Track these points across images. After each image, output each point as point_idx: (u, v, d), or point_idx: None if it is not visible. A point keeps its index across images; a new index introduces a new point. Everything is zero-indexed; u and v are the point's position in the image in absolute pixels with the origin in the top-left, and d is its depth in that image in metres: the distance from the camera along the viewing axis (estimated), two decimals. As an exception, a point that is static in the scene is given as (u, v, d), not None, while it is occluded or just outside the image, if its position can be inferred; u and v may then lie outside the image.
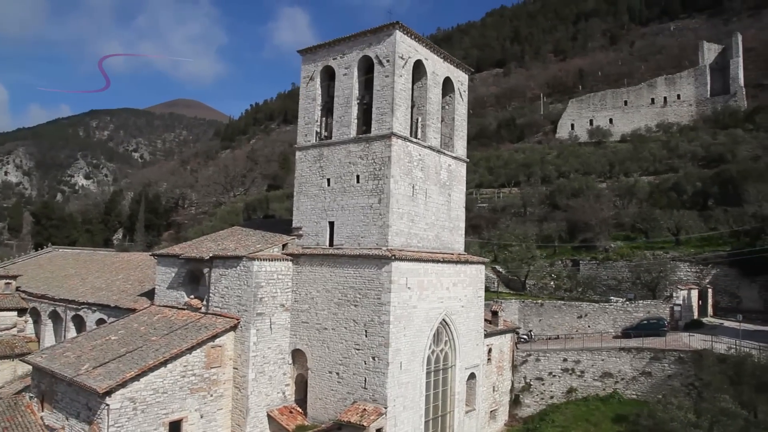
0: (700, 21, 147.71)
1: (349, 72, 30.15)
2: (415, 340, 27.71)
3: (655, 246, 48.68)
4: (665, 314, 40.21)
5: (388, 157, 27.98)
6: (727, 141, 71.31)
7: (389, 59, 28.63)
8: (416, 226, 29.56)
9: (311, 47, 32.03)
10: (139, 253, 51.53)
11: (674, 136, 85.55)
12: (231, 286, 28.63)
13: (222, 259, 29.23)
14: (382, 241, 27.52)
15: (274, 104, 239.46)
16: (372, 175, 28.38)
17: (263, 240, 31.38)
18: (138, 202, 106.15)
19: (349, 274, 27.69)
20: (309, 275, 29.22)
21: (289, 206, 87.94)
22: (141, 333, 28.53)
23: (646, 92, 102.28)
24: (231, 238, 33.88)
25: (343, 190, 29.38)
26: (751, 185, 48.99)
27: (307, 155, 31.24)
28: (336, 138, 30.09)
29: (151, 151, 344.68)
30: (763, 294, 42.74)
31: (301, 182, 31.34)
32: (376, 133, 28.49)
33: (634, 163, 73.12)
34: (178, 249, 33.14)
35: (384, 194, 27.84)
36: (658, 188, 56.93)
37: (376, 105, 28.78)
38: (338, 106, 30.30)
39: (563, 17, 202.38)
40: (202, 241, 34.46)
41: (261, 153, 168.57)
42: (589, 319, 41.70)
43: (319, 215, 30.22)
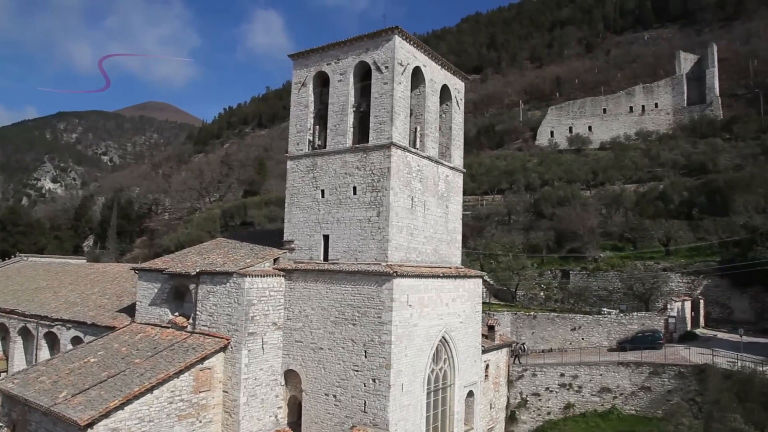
0: (673, 31, 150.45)
1: (344, 78, 28.85)
2: (416, 360, 26.47)
3: (644, 256, 48.47)
4: (660, 326, 39.82)
5: (387, 168, 26.74)
6: (707, 150, 72.01)
7: (388, 65, 27.42)
8: (415, 239, 28.37)
9: (303, 52, 30.64)
10: (115, 264, 49.22)
11: (654, 144, 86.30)
12: (220, 304, 26.97)
13: (210, 274, 27.56)
14: (381, 256, 26.24)
15: (249, 108, 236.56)
16: (370, 187, 27.10)
17: (253, 254, 29.77)
18: (110, 208, 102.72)
19: (346, 291, 26.31)
20: (303, 292, 27.74)
21: (268, 213, 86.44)
22: (123, 354, 26.66)
23: (624, 100, 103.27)
24: (217, 251, 32.18)
25: (339, 202, 28.02)
26: (738, 195, 49.20)
27: (300, 165, 29.79)
28: (331, 147, 28.73)
29: (121, 155, 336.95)
30: (753, 305, 42.75)
31: (292, 193, 29.85)
32: (374, 142, 27.22)
33: (617, 172, 73.34)
34: (160, 263, 31.29)
35: (383, 207, 26.57)
36: (644, 197, 56.92)
37: (374, 113, 27.52)
38: (333, 114, 28.95)
39: (539, 24, 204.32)
40: (186, 254, 32.64)
41: (235, 158, 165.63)
42: (583, 331, 41.07)
43: (312, 228, 28.79)
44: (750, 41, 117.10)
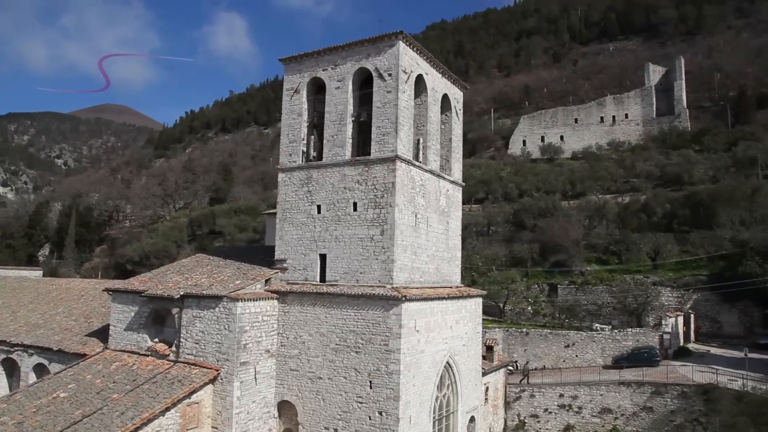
0: (637, 43, 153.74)
1: (342, 85, 26.92)
2: (423, 389, 24.66)
3: (631, 270, 48.03)
4: (654, 342, 39.17)
5: (392, 183, 24.91)
6: (681, 162, 72.77)
7: (391, 73, 25.67)
8: (419, 258, 26.61)
9: (296, 56, 28.61)
10: (80, 280, 45.72)
11: (627, 155, 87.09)
12: (208, 331, 24.55)
13: (196, 298, 25.11)
14: (385, 278, 24.36)
15: (211, 112, 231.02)
16: (372, 203, 25.21)
17: (241, 274, 27.44)
18: (67, 215, 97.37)
19: (348, 317, 24.30)
20: (299, 316, 25.58)
21: (238, 223, 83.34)
22: (98, 388, 23.94)
23: (595, 110, 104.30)
24: (199, 269, 29.67)
25: (337, 219, 26.01)
26: (722, 209, 49.33)
27: (293, 178, 27.65)
28: (328, 159, 26.72)
29: (76, 158, 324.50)
30: (742, 319, 42.67)
31: (285, 208, 27.67)
32: (377, 155, 25.37)
33: (594, 182, 73.37)
34: (138, 283, 28.56)
35: (387, 225, 24.72)
36: (626, 209, 56.74)
37: (376, 124, 25.69)
38: (330, 124, 26.97)
39: (505, 33, 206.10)
40: (165, 273, 29.98)
41: (199, 163, 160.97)
42: (577, 348, 40.07)
43: (307, 247, 26.68)
44: (712, 55, 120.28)
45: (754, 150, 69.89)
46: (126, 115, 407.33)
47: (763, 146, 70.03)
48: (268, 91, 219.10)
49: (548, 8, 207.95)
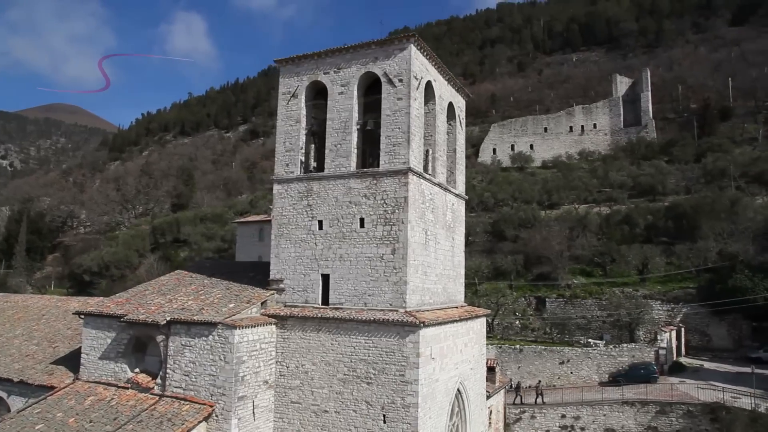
0: (600, 54, 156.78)
1: (346, 91, 24.85)
2: (437, 421, 22.74)
3: (617, 282, 47.53)
4: (650, 358, 38.46)
5: (404, 198, 22.97)
6: (654, 172, 73.46)
7: (402, 79, 23.76)
8: (428, 279, 24.75)
9: (294, 57, 26.38)
10: (39, 296, 41.87)
11: (598, 164, 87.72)
12: (200, 362, 21.97)
13: (185, 324, 22.49)
14: (397, 301, 22.37)
15: (169, 114, 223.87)
16: (382, 219, 23.19)
17: (232, 295, 24.94)
18: (17, 221, 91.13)
19: (358, 344, 22.17)
20: (300, 343, 23.27)
21: (204, 231, 79.53)
22: (72, 429, 21.02)
23: (564, 120, 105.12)
24: (183, 290, 26.97)
25: (342, 236, 23.87)
26: (704, 221, 49.47)
27: (290, 190, 25.34)
28: (330, 171, 24.56)
29: (23, 159, 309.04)
30: (731, 332, 42.59)
31: (281, 223, 25.30)
32: (387, 167, 23.38)
33: (569, 192, 73.23)
34: (114, 306, 25.63)
35: (399, 243, 22.74)
36: (608, 221, 56.46)
37: (385, 133, 23.71)
38: (333, 132, 24.82)
39: (469, 42, 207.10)
40: (143, 294, 27.11)
41: (157, 167, 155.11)
42: (572, 365, 38.99)
43: (307, 266, 24.42)
44: (673, 68, 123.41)
45: (723, 162, 71.22)
46: (77, 116, 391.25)
47: (731, 158, 71.46)
48: (228, 94, 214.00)
49: (511, 18, 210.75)
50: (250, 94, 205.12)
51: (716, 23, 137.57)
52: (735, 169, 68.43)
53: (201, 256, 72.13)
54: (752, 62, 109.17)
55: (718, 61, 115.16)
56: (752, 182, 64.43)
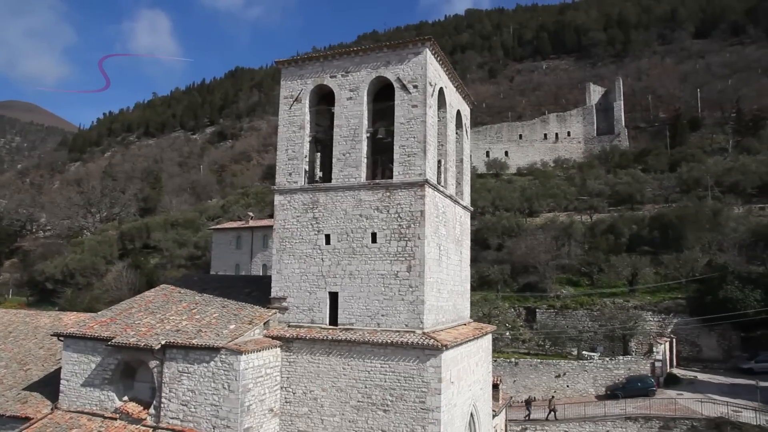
0: (569, 62, 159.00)
1: (356, 96, 23.35)
2: (455, 450, 21.38)
3: (605, 293, 47.24)
4: (646, 370, 38.08)
5: (420, 212, 21.60)
6: (630, 181, 74.11)
7: (417, 85, 22.44)
8: (441, 296, 23.45)
9: (297, 59, 24.77)
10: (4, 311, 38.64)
11: (574, 172, 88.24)
12: (200, 390, 20.06)
13: (183, 349, 20.55)
14: (414, 322, 20.98)
15: (133, 115, 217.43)
16: (396, 234, 21.77)
17: (231, 315, 23.09)
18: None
19: (373, 368, 20.64)
20: (308, 367, 21.58)
21: (176, 237, 76.38)
22: (55, 469, 18.82)
23: (539, 127, 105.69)
24: (174, 308, 24.93)
25: (352, 252, 22.33)
26: (690, 231, 49.75)
27: (293, 201, 23.66)
28: (339, 181, 22.99)
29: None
30: (721, 343, 42.70)
31: (283, 237, 23.57)
32: (401, 179, 21.98)
33: (549, 200, 73.17)
34: (98, 327, 23.41)
35: (415, 260, 21.36)
36: (593, 230, 56.34)
37: (399, 143, 22.31)
38: (341, 140, 23.28)
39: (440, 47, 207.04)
40: (130, 312, 24.94)
41: (120, 169, 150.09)
42: (568, 378, 38.30)
43: (313, 283, 22.78)
44: (641, 78, 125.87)
45: (697, 171, 72.38)
46: (34, 114, 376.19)
47: (706, 168, 72.69)
48: (195, 95, 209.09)
49: (481, 24, 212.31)
50: (217, 95, 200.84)
51: (681, 35, 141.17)
52: (709, 179, 69.57)
53: (173, 264, 69.25)
54: (717, 74, 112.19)
55: (685, 73, 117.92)
56: (727, 192, 65.58)
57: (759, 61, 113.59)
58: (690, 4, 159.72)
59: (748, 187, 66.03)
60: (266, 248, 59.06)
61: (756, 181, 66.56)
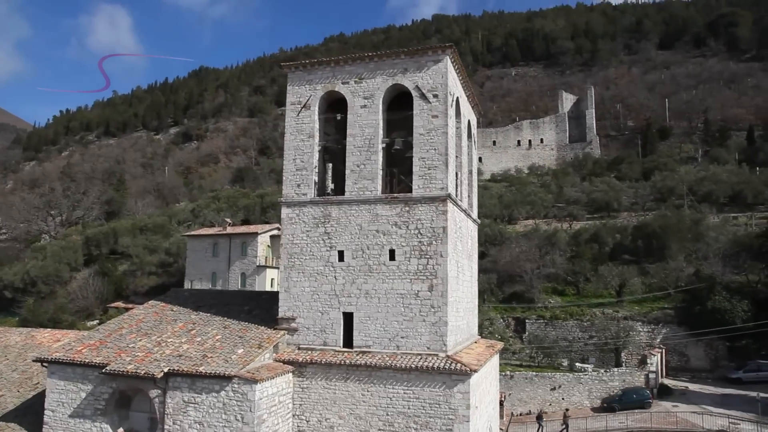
0: (538, 70, 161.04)
1: (370, 104, 22.13)
2: (478, 480, 20.33)
3: (592, 303, 47.14)
4: (640, 381, 37.96)
5: (442, 229, 20.55)
6: (606, 189, 74.86)
7: (437, 94, 21.41)
8: (458, 315, 22.46)
9: (305, 63, 23.45)
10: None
11: (548, 179, 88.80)
12: (209, 422, 18.45)
13: (189, 377, 18.89)
14: (436, 344, 19.90)
15: (92, 113, 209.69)
16: (417, 252, 20.64)
17: (235, 337, 21.50)
18: None
19: (395, 395, 19.42)
20: (324, 394, 20.19)
21: (146, 243, 73.08)
22: None
23: (513, 134, 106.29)
24: (168, 328, 23.16)
25: (368, 269, 21.09)
26: (674, 241, 50.25)
27: (303, 215, 22.24)
28: (353, 194, 21.70)
29: None
30: (708, 352, 43.06)
31: (292, 253, 22.12)
32: (421, 193, 20.88)
33: (527, 207, 73.20)
34: (87, 351, 21.44)
35: (438, 279, 20.29)
36: (576, 239, 56.40)
37: (419, 154, 21.21)
38: (355, 150, 22.01)
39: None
40: (121, 333, 23.01)
41: (80, 169, 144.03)
42: (564, 390, 37.81)
43: (326, 303, 21.43)
44: (609, 87, 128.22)
45: (671, 180, 73.69)
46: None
47: (679, 177, 74.08)
48: (157, 94, 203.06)
49: (450, 30, 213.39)
50: (181, 94, 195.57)
51: (646, 46, 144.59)
52: (682, 188, 70.87)
53: (143, 271, 66.20)
54: (683, 85, 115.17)
55: (652, 83, 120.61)
56: (701, 201, 66.87)
57: (721, 74, 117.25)
58: (653, 16, 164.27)
59: (722, 196, 67.58)
60: (245, 256, 57.02)
61: (728, 190, 68.19)
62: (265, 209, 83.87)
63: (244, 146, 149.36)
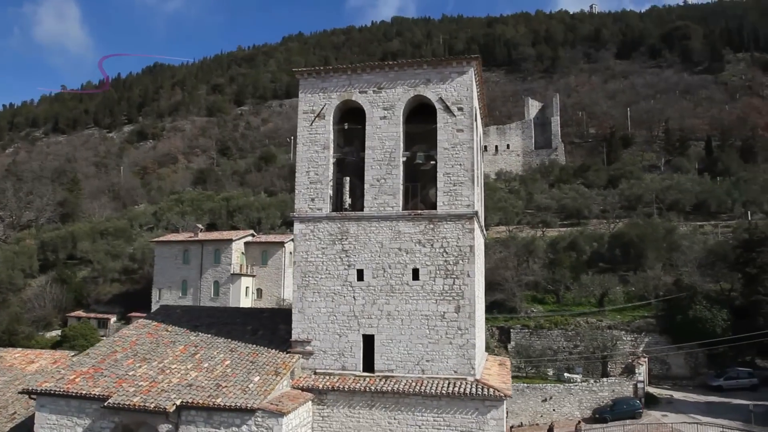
0: (499, 75, 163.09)
1: (391, 115, 21.16)
2: None
3: (576, 312, 47.41)
4: (629, 391, 38.23)
5: (469, 248, 19.79)
6: (576, 196, 76.02)
7: (462, 107, 20.68)
8: (480, 335, 21.73)
9: (319, 69, 22.28)
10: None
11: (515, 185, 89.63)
12: (227, 459, 17.00)
13: (204, 410, 17.39)
14: (464, 368, 19.13)
15: (39, 108, 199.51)
16: (442, 271, 19.82)
17: (247, 362, 20.11)
18: None
19: (425, 422, 18.51)
20: (346, 422, 19.07)
21: (108, 249, 69.45)
22: None
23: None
24: (168, 351, 21.51)
25: (390, 289, 20.10)
26: (650, 250, 51.23)
27: (318, 231, 21.03)
28: (373, 210, 20.67)
29: None
30: (688, 360, 43.88)
31: (306, 271, 20.88)
32: (446, 210, 20.05)
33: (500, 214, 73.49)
34: (82, 381, 19.55)
35: (465, 299, 19.53)
36: (554, 247, 56.83)
37: (443, 170, 20.39)
38: (374, 164, 20.98)
39: (370, 53, 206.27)
40: (116, 359, 21.17)
41: (27, 167, 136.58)
42: (554, 402, 37.67)
43: (344, 324, 20.31)
44: (571, 94, 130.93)
45: (638, 189, 75.47)
46: None
47: (645, 185, 76.02)
48: (110, 90, 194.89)
49: (411, 33, 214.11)
50: (135, 91, 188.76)
51: (605, 55, 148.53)
52: (648, 196, 72.73)
53: (105, 278, 62.83)
54: (642, 94, 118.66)
55: (613, 91, 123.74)
56: (668, 210, 68.70)
57: (677, 85, 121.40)
58: (611, 26, 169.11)
59: (687, 205, 69.65)
60: (218, 264, 54.75)
61: (693, 199, 70.36)
62: (232, 213, 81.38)
63: (203, 146, 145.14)
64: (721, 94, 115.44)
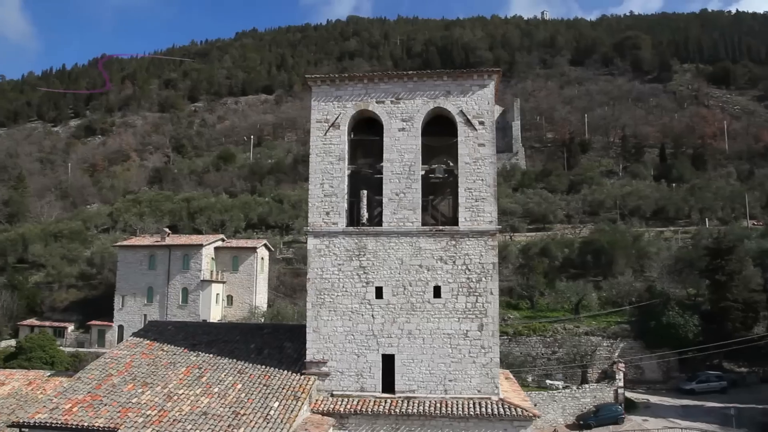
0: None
1: (409, 127, 20.61)
2: None
3: (552, 319, 48.10)
4: (610, 397, 38.96)
5: (492, 265, 19.55)
6: (540, 201, 77.31)
7: (484, 121, 20.36)
8: (497, 351, 21.39)
9: (333, 77, 21.56)
10: None
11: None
12: (252, 492, 16.01)
13: (226, 440, 16.32)
14: (488, 387, 18.85)
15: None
16: (465, 289, 19.44)
17: (259, 385, 19.13)
18: None
19: (452, 447, 18.00)
20: (369, 448, 18.34)
21: (63, 252, 65.67)
22: None
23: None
24: (170, 375, 20.23)
25: (411, 308, 19.57)
26: (620, 256, 52.59)
27: (334, 247, 20.24)
28: (392, 226, 20.07)
29: None
30: (661, 364, 45.21)
31: (321, 288, 20.06)
32: (469, 226, 19.68)
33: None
34: (80, 411, 18.00)
35: (488, 317, 19.25)
36: (526, 253, 57.49)
37: (465, 185, 19.99)
38: (393, 177, 20.37)
39: (327, 52, 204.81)
40: (112, 383, 19.70)
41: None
42: (539, 409, 37.87)
43: (362, 344, 19.63)
44: (528, 99, 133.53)
45: (599, 195, 77.54)
46: None
47: (607, 191, 78.21)
48: (54, 83, 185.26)
49: (368, 33, 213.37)
50: (82, 84, 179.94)
51: (560, 61, 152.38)
52: (610, 201, 74.86)
53: (61, 283, 59.36)
54: (597, 101, 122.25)
55: (569, 97, 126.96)
56: (630, 215, 70.91)
57: (629, 92, 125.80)
58: (565, 33, 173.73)
59: (648, 211, 72.05)
60: (187, 269, 52.53)
61: (652, 205, 72.84)
62: (193, 215, 78.64)
63: (156, 143, 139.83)
64: (671, 102, 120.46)
